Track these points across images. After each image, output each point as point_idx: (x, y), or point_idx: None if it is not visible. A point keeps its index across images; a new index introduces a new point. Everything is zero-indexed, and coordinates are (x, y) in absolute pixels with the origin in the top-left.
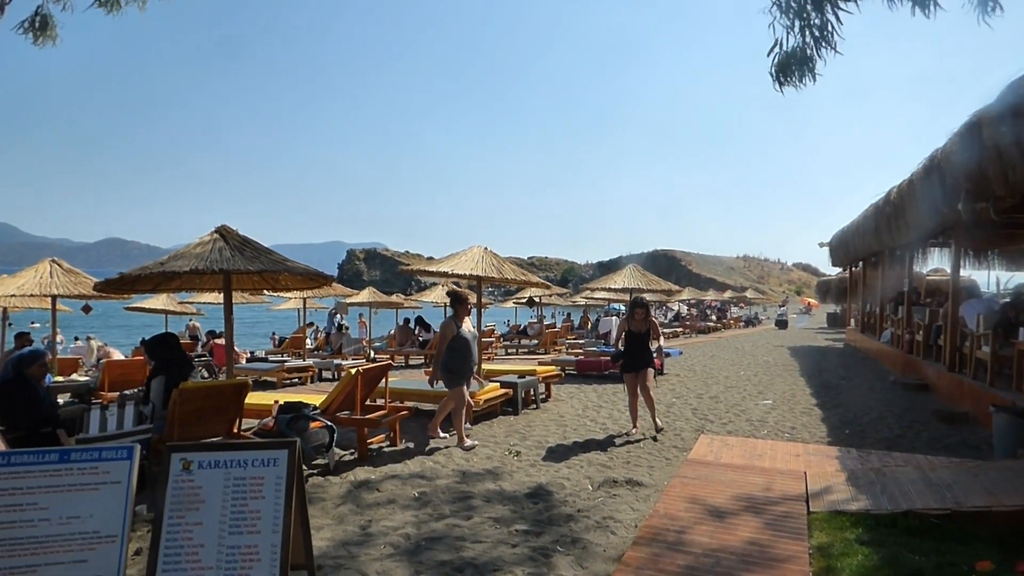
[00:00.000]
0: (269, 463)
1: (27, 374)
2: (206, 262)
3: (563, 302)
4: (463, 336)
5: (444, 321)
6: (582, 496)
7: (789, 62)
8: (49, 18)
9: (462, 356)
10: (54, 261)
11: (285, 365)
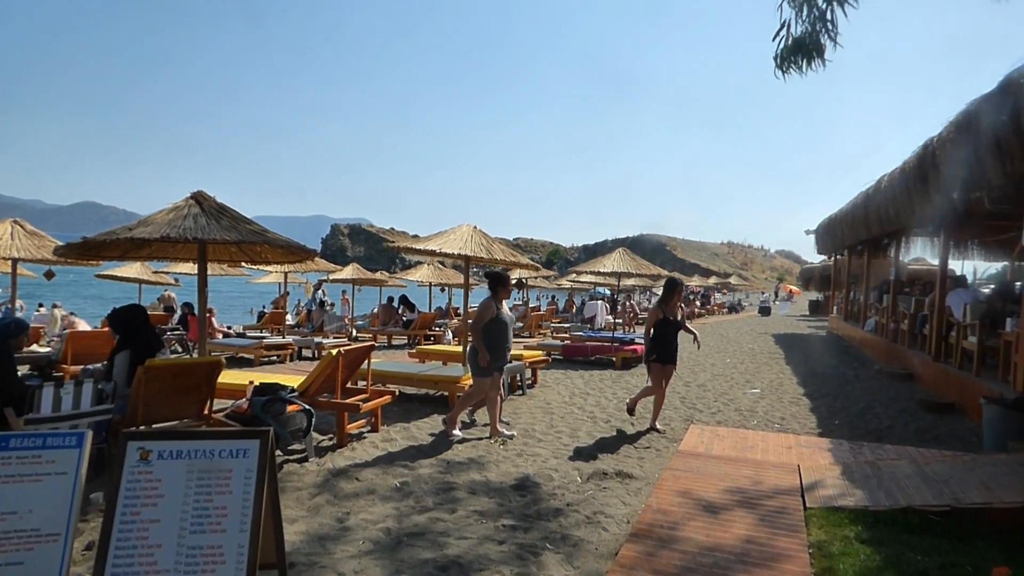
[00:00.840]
0: (239, 454)
1: (9, 346)
2: (179, 230)
3: (548, 285)
4: (502, 319)
5: (483, 302)
6: (571, 488)
7: (796, 47)
8: None
9: (498, 341)
10: (16, 222)
11: (263, 342)
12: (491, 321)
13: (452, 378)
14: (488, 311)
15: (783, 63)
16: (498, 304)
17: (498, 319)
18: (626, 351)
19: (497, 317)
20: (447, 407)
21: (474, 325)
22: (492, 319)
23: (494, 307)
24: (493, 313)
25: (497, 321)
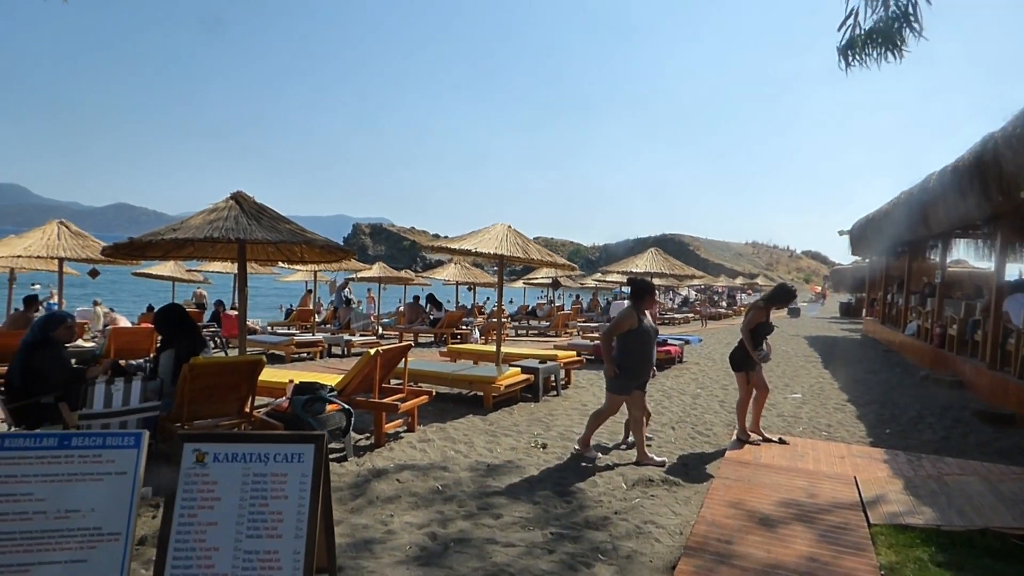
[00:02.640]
0: (293, 459)
1: (53, 337)
2: (222, 231)
3: (572, 284)
4: (645, 330)
5: (624, 311)
6: (616, 496)
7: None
8: None
9: (642, 354)
10: (62, 223)
11: (294, 340)
12: (631, 332)
13: (487, 378)
14: (627, 320)
15: (850, 55)
16: (640, 314)
17: (640, 330)
18: (659, 352)
19: (639, 328)
20: (481, 407)
21: (607, 333)
22: (632, 330)
23: (636, 317)
24: (634, 323)
25: (639, 332)
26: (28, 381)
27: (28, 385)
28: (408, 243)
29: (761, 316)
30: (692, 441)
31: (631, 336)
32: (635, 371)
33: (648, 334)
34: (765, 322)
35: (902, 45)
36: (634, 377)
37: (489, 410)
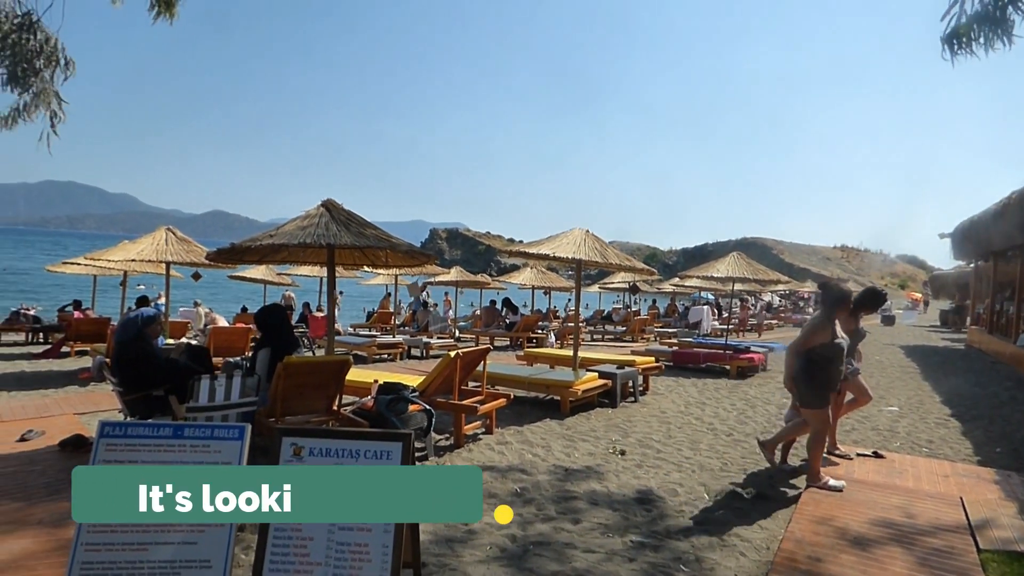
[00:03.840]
0: (382, 456)
1: (145, 333)
2: (313, 236)
3: (649, 289)
4: (838, 344)
5: (816, 320)
6: (698, 506)
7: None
8: None
9: (836, 369)
10: (169, 230)
11: (376, 341)
12: (824, 346)
13: (564, 382)
14: (820, 332)
15: (956, 44)
16: (834, 326)
17: (834, 344)
18: (742, 360)
19: (832, 342)
20: (558, 411)
21: (796, 346)
22: (824, 344)
23: (830, 328)
24: (827, 337)
25: (832, 347)
26: (127, 374)
27: (127, 378)
28: (483, 247)
29: (851, 324)
30: (778, 452)
31: (823, 350)
32: (829, 383)
33: (841, 349)
34: (854, 329)
35: (1012, 29)
36: (829, 389)
37: (566, 415)
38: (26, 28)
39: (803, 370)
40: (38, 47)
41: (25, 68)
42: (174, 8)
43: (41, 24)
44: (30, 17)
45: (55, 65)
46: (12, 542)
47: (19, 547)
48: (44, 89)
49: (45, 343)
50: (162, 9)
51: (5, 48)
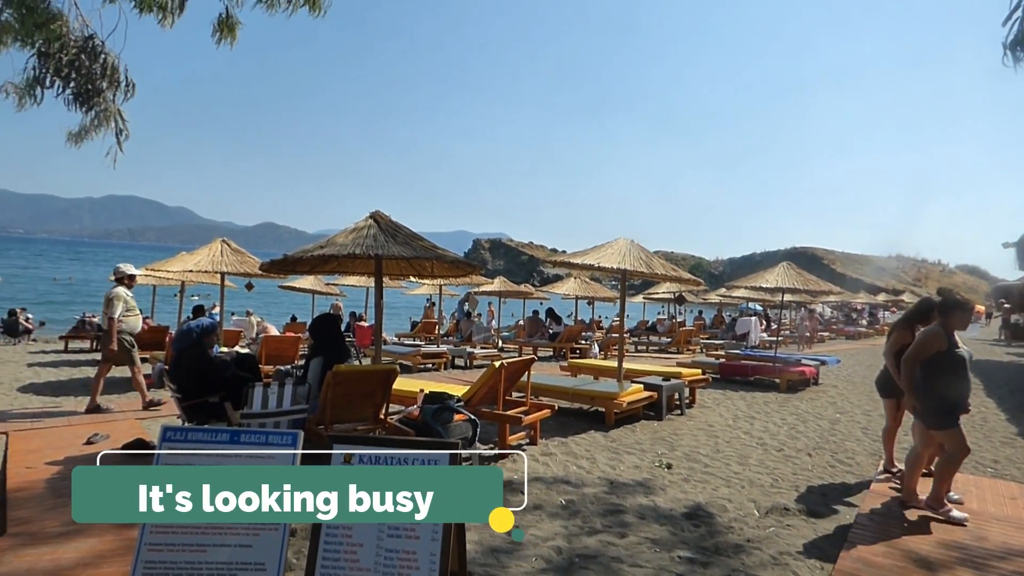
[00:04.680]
0: (430, 464)
1: (203, 343)
2: (362, 247)
3: (695, 299)
4: (958, 354)
5: (929, 330)
6: (749, 523)
7: None
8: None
9: (960, 381)
10: (224, 241)
11: (421, 351)
12: (940, 355)
13: (608, 394)
14: (933, 343)
15: (1019, 50)
16: (949, 334)
17: (951, 353)
18: (792, 373)
19: (949, 351)
20: (603, 423)
21: (909, 359)
22: (939, 353)
23: (944, 337)
24: (942, 346)
25: (950, 356)
26: (184, 381)
27: (184, 385)
28: (526, 257)
29: (906, 337)
30: (832, 470)
31: (941, 361)
32: (955, 399)
33: (963, 359)
34: (945, 349)
35: None
36: (958, 406)
37: (611, 426)
38: (90, 51)
39: (928, 385)
40: (101, 69)
41: (89, 89)
42: (235, 32)
43: (105, 47)
44: (93, 40)
45: (117, 85)
46: (80, 541)
47: (87, 546)
48: (107, 108)
49: None
50: (224, 34)
51: (72, 70)
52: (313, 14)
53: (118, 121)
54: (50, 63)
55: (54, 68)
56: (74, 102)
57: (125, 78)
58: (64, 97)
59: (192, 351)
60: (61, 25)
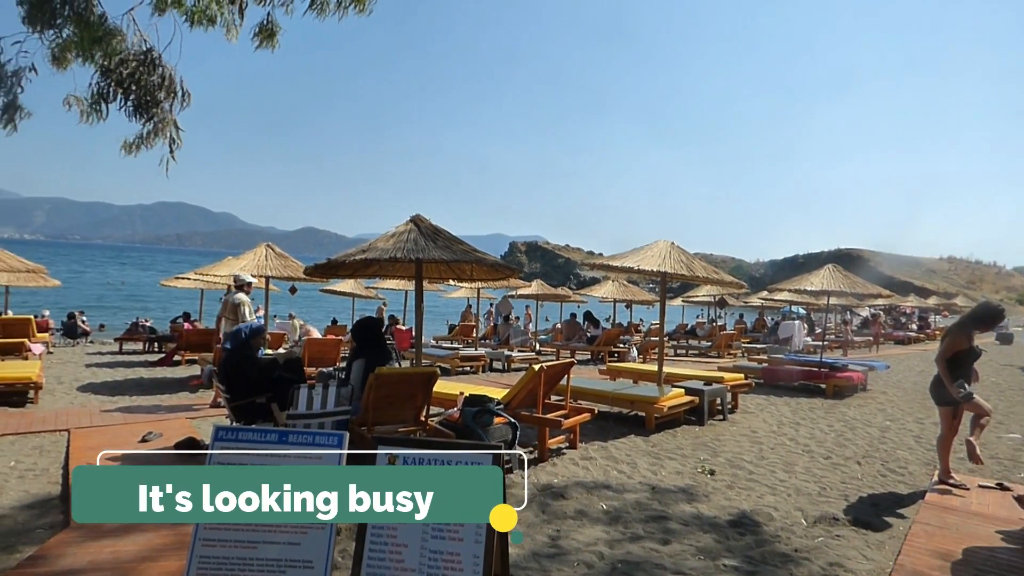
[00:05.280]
0: (472, 465)
1: (252, 345)
2: (403, 251)
3: (735, 302)
4: (974, 351)
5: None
6: (796, 532)
7: None
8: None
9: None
10: (269, 246)
11: (459, 353)
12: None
13: (649, 398)
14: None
15: None
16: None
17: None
18: (839, 378)
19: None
20: (643, 428)
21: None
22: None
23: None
24: (964, 345)
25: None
26: (233, 382)
27: (233, 385)
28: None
29: (960, 343)
30: (883, 479)
31: (961, 356)
32: None
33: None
34: (968, 349)
35: None
36: None
37: (651, 431)
38: (148, 63)
39: None
40: (159, 80)
41: (148, 100)
42: (275, 39)
43: (162, 59)
44: (151, 53)
45: (173, 96)
46: (138, 535)
47: (144, 539)
48: (164, 118)
49: (159, 352)
50: (265, 40)
51: (132, 83)
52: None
53: (173, 131)
54: (112, 77)
55: (115, 81)
56: (134, 113)
57: (181, 88)
58: (125, 109)
59: (241, 353)
60: (120, 41)
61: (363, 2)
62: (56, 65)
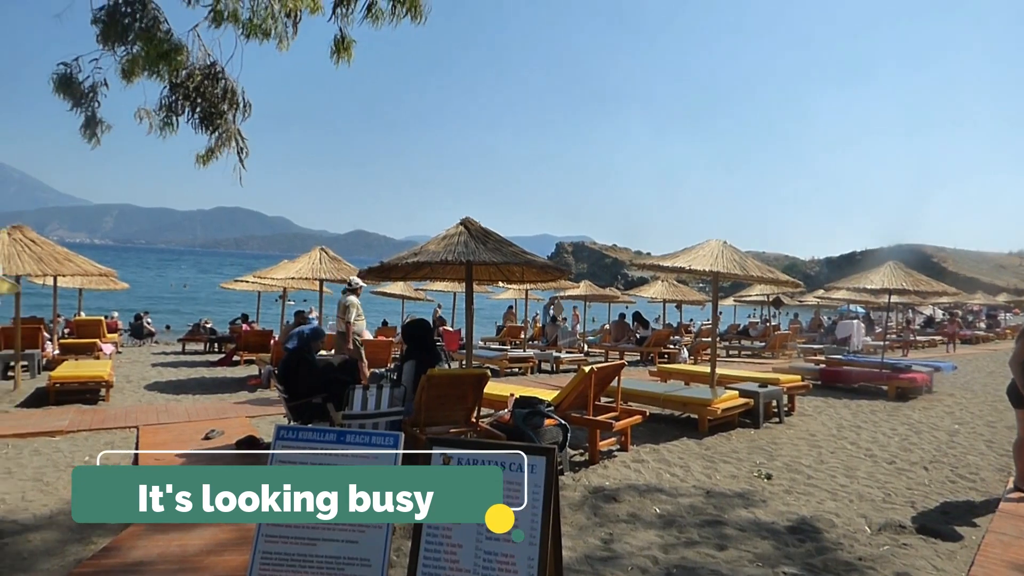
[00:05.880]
0: (527, 469)
1: (311, 347)
2: (454, 253)
3: (790, 302)
4: None
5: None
6: (860, 540)
7: None
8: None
9: None
10: (322, 250)
11: (507, 354)
12: None
13: (702, 400)
14: None
15: None
16: None
17: None
18: (902, 379)
19: None
20: (695, 430)
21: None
22: None
23: None
24: None
25: None
26: (291, 382)
27: (291, 385)
28: (610, 260)
29: None
30: (952, 486)
31: None
32: None
33: None
34: None
35: None
36: None
37: (704, 434)
38: (212, 77)
39: None
40: (222, 93)
41: (212, 112)
42: (351, 51)
43: (224, 72)
44: (215, 67)
45: (236, 107)
46: (203, 529)
47: (209, 534)
48: (228, 129)
49: (219, 352)
50: (341, 53)
51: (198, 96)
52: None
53: (238, 140)
54: (179, 92)
55: (183, 95)
56: (200, 125)
57: (243, 99)
58: (192, 121)
59: (300, 354)
60: (184, 55)
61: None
62: (125, 79)
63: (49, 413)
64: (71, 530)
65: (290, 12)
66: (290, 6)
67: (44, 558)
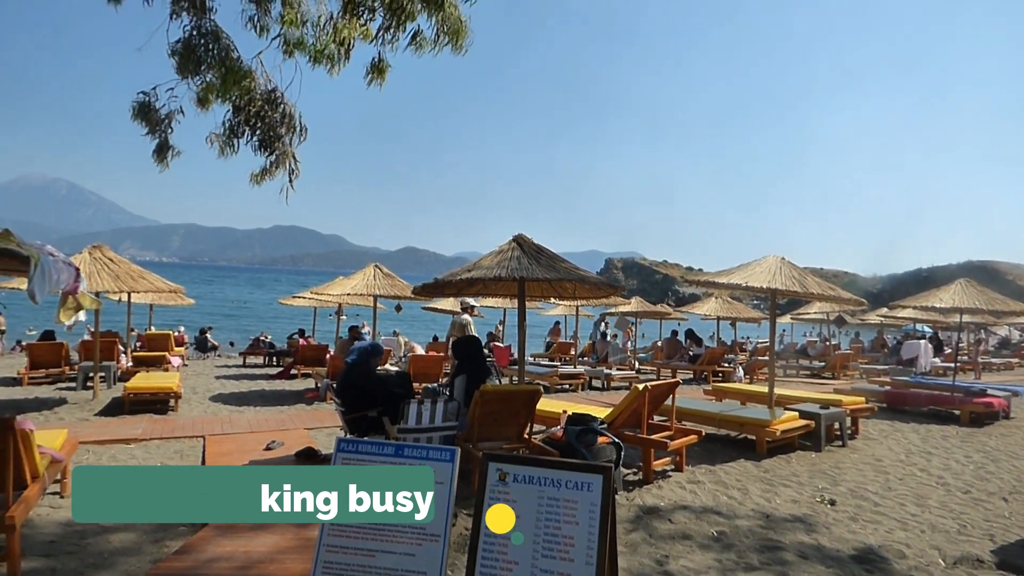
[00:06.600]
0: (583, 487)
1: (371, 363)
2: (507, 270)
3: (850, 320)
4: None
5: None
6: (934, 573)
7: None
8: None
9: None
10: (376, 266)
11: (558, 371)
12: None
13: (760, 421)
14: None
15: None
16: None
17: None
18: (976, 404)
19: None
20: (753, 452)
21: None
22: None
23: None
24: None
25: None
26: (348, 396)
27: (349, 399)
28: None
29: None
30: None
31: None
32: None
33: None
34: None
35: None
36: None
37: (762, 456)
38: (272, 102)
39: None
40: (281, 117)
41: (271, 135)
42: (385, 75)
43: (284, 97)
44: (275, 93)
45: (293, 131)
46: (265, 537)
47: (272, 541)
48: (284, 151)
49: (278, 366)
50: (375, 76)
51: (258, 120)
52: (456, 52)
53: (291, 162)
54: (241, 115)
55: (244, 119)
56: (259, 147)
57: (299, 124)
58: (251, 144)
59: (360, 369)
60: (251, 81)
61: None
62: (200, 106)
63: (124, 422)
64: (145, 532)
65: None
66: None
67: (123, 558)
